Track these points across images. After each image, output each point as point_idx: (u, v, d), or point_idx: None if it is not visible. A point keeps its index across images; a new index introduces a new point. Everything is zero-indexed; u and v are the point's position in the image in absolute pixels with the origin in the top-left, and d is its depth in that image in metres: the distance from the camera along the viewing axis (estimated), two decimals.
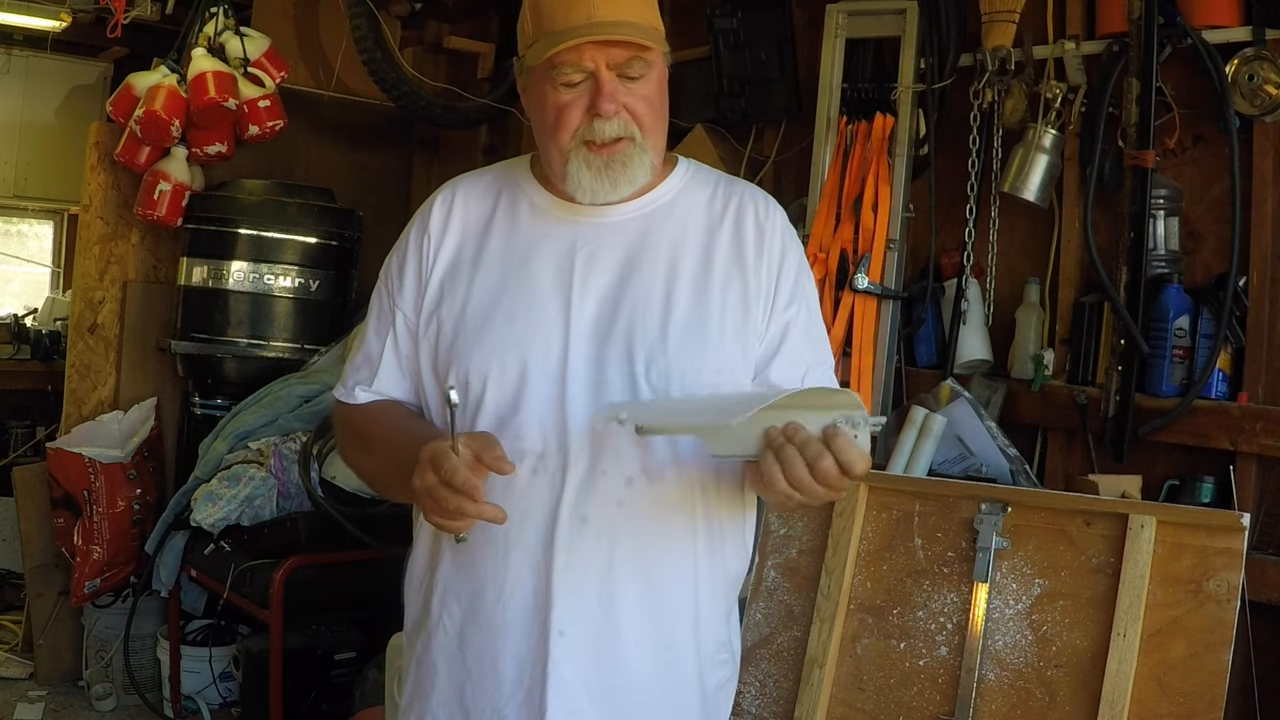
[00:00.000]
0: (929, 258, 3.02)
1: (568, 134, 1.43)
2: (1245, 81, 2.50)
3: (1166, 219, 2.64)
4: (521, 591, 1.44)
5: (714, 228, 1.52)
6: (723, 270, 1.49)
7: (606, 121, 1.42)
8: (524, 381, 1.44)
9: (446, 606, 1.51)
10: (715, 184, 1.56)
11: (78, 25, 5.12)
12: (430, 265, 1.54)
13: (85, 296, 4.09)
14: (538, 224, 1.52)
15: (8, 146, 6.10)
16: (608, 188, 1.45)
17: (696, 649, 1.51)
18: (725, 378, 1.46)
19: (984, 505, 2.23)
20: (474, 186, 1.59)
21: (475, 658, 1.48)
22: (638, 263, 1.48)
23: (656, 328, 1.45)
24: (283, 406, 3.68)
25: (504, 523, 1.35)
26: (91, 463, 3.73)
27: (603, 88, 1.41)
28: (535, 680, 1.44)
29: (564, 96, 1.42)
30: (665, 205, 1.52)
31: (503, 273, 1.50)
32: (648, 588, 1.46)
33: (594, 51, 1.40)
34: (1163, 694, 1.98)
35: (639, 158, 1.45)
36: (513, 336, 1.46)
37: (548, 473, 1.43)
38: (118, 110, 3.87)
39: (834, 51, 3.07)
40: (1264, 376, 2.52)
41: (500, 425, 1.45)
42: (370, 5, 3.85)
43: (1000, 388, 2.84)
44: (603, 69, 1.41)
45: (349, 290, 4.10)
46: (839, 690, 2.29)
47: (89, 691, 3.87)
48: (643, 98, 1.44)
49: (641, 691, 1.47)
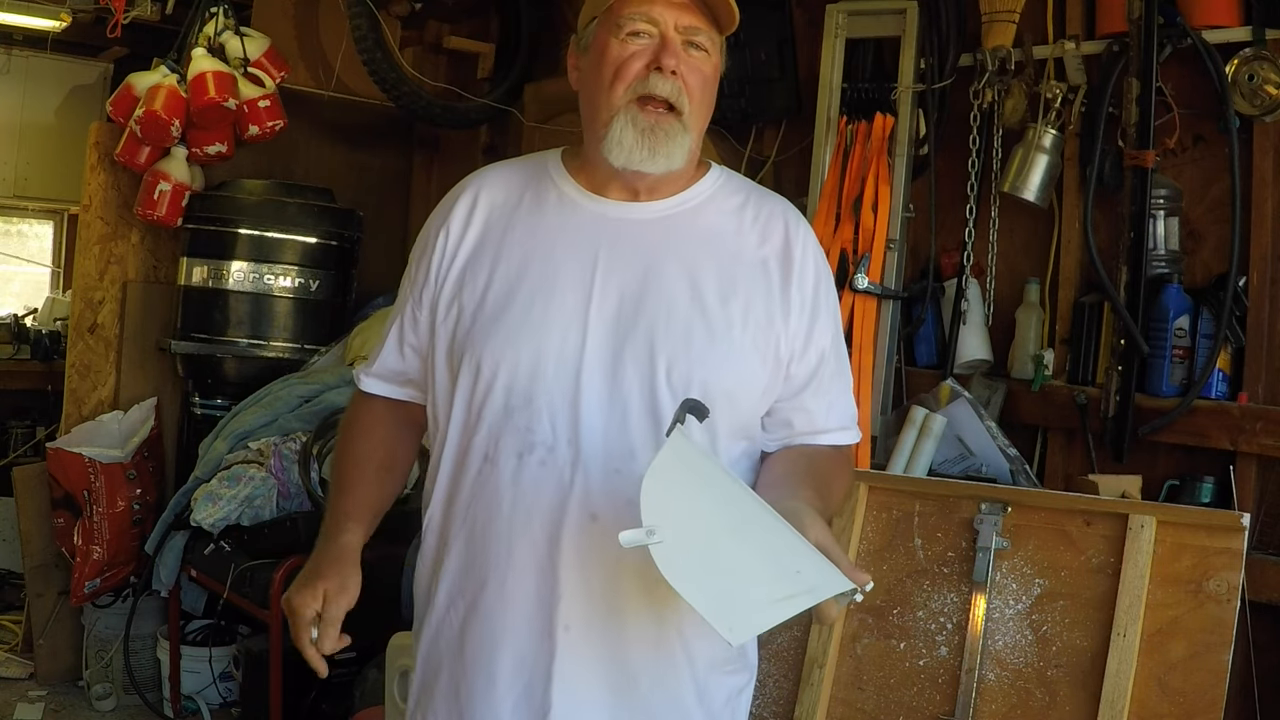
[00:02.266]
0: (929, 258, 3.02)
1: (623, 85, 1.42)
2: (1245, 81, 2.50)
3: (1166, 219, 2.64)
4: (525, 584, 1.43)
5: (742, 236, 1.50)
6: (747, 280, 1.48)
7: (664, 79, 1.42)
8: (537, 371, 1.43)
9: (453, 602, 1.50)
10: (747, 193, 1.55)
11: (78, 25, 5.12)
12: (450, 257, 1.53)
13: (85, 296, 4.08)
14: (564, 214, 1.51)
15: (8, 146, 6.10)
16: (646, 153, 1.43)
17: (703, 655, 1.49)
18: (743, 387, 1.46)
19: (984, 505, 2.23)
20: (501, 176, 1.58)
21: (472, 653, 1.47)
22: (663, 262, 1.46)
23: (680, 331, 1.43)
24: (283, 406, 3.68)
25: (324, 675, 1.47)
26: (91, 463, 3.73)
27: (668, 45, 1.42)
28: (537, 676, 1.43)
29: (629, 48, 1.42)
30: (694, 208, 1.51)
31: (524, 261, 1.48)
32: (653, 590, 1.43)
33: (665, 8, 1.41)
34: (1163, 694, 1.98)
35: (680, 136, 1.44)
36: (529, 325, 1.44)
37: (557, 466, 1.42)
38: (118, 110, 3.87)
39: (834, 51, 3.07)
40: (1264, 376, 2.52)
41: (510, 414, 1.44)
42: (370, 5, 3.84)
43: (1000, 388, 2.84)
44: (671, 29, 1.42)
45: (349, 290, 4.09)
46: (839, 690, 2.29)
47: (89, 691, 3.87)
48: (699, 71, 1.44)
49: (644, 692, 1.46)
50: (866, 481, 2.40)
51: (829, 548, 1.27)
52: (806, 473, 1.48)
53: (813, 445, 1.54)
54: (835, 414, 1.56)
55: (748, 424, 1.51)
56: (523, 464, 1.43)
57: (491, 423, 1.45)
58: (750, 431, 1.52)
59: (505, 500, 1.44)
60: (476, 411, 1.46)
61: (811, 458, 1.52)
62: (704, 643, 1.48)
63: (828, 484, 1.49)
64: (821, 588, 1.22)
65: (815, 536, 1.27)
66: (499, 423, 1.44)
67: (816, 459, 1.53)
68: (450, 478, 1.51)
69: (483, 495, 1.46)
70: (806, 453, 1.53)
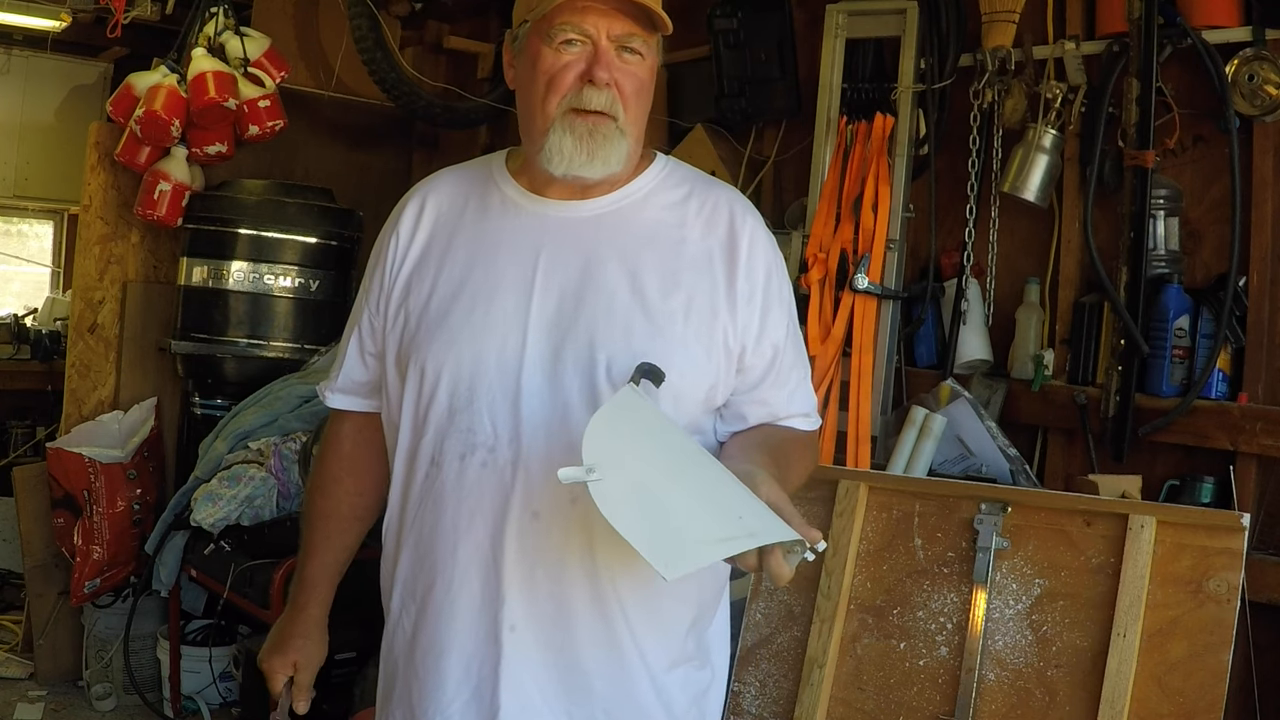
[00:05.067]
0: (929, 258, 3.02)
1: (556, 98, 1.41)
2: (1245, 81, 2.50)
3: (1166, 219, 2.64)
4: (470, 586, 1.43)
5: (685, 228, 1.48)
6: (691, 271, 1.46)
7: (597, 90, 1.40)
8: (478, 373, 1.43)
9: (405, 605, 1.50)
10: (691, 183, 1.53)
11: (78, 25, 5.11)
12: (398, 263, 1.54)
13: (85, 296, 4.08)
14: (507, 216, 1.51)
15: (8, 146, 6.10)
16: (584, 158, 1.42)
17: (658, 654, 1.47)
18: (688, 381, 1.43)
19: (984, 505, 2.23)
20: (447, 182, 1.58)
21: (422, 656, 1.47)
22: (603, 259, 1.45)
23: (620, 326, 1.42)
24: (283, 406, 3.68)
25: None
26: (91, 463, 3.72)
27: (601, 56, 1.40)
28: (485, 678, 1.42)
29: (561, 58, 1.41)
30: (636, 202, 1.50)
31: (468, 265, 1.49)
32: (599, 586, 1.43)
33: (598, 18, 1.39)
34: (1163, 694, 1.98)
35: (617, 140, 1.43)
36: (470, 328, 1.44)
37: (498, 466, 1.41)
38: (118, 110, 3.87)
39: (834, 51, 3.07)
40: (1264, 376, 2.52)
41: (452, 417, 1.44)
42: (370, 5, 3.85)
43: (1000, 388, 2.84)
44: (603, 38, 1.40)
45: (349, 290, 4.09)
46: (839, 690, 2.29)
47: (89, 691, 3.87)
48: (634, 76, 1.43)
49: (597, 689, 1.44)
50: (866, 481, 2.40)
51: (781, 505, 1.25)
52: (763, 445, 1.47)
53: (774, 426, 1.53)
54: (796, 403, 1.55)
55: (696, 418, 1.48)
56: (465, 465, 1.43)
57: (436, 426, 1.45)
58: (700, 425, 1.50)
59: (450, 502, 1.44)
60: (423, 416, 1.47)
61: (770, 434, 1.52)
62: (656, 640, 1.47)
63: (786, 458, 1.47)
64: (763, 533, 1.21)
65: (766, 494, 1.26)
66: (443, 426, 1.45)
67: (775, 435, 1.52)
68: (402, 482, 1.51)
69: (429, 498, 1.46)
70: (766, 430, 1.52)
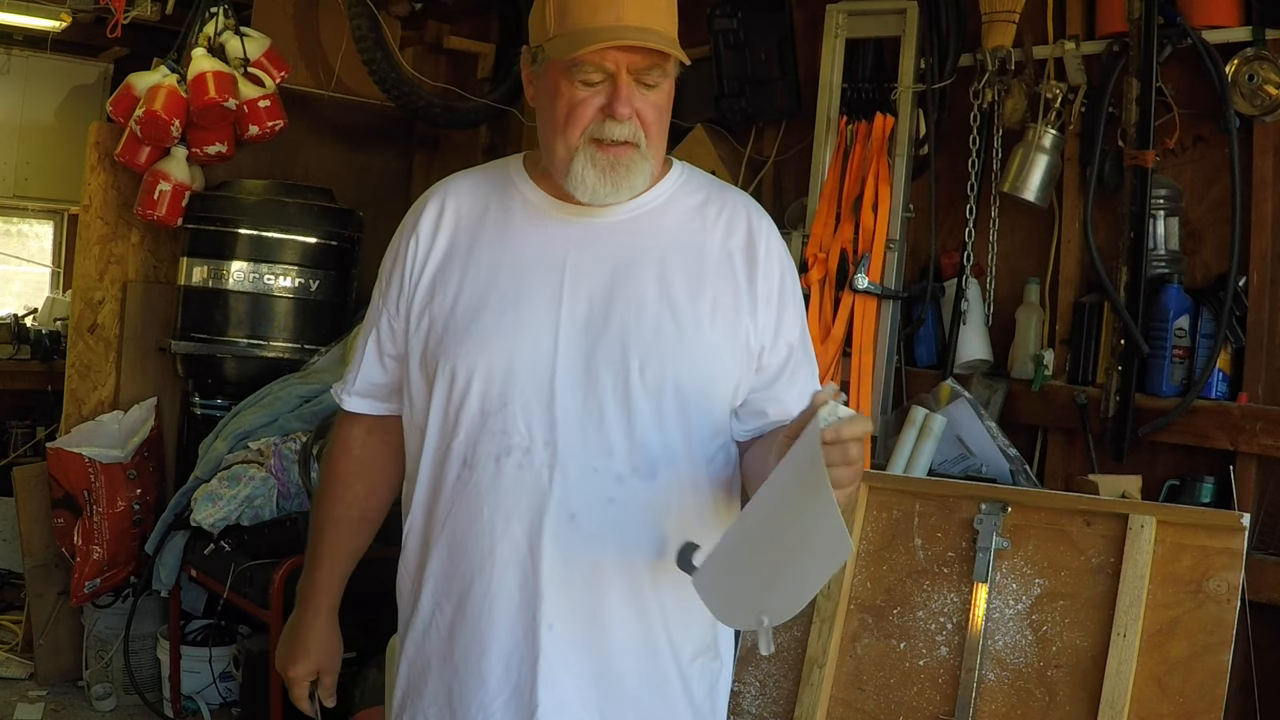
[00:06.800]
0: (929, 258, 3.02)
1: (578, 131, 1.43)
2: (1245, 81, 2.50)
3: (1166, 219, 2.64)
4: (508, 586, 1.45)
5: (706, 233, 1.53)
6: (714, 274, 1.50)
7: (619, 124, 1.43)
8: (511, 376, 1.45)
9: (439, 605, 1.52)
10: (709, 189, 1.58)
11: (78, 25, 5.11)
12: (420, 265, 1.55)
13: (85, 296, 4.08)
14: (530, 221, 1.53)
15: (8, 146, 6.10)
16: (609, 189, 1.45)
17: (686, 647, 1.52)
18: (716, 382, 1.49)
19: (984, 505, 2.23)
20: (466, 185, 1.59)
21: (462, 655, 1.49)
22: (630, 264, 1.48)
23: (651, 329, 1.45)
24: (283, 406, 3.68)
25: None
26: (91, 463, 3.73)
27: (620, 91, 1.42)
28: (524, 675, 1.45)
29: (580, 93, 1.43)
30: (657, 208, 1.53)
31: (494, 269, 1.50)
32: (634, 585, 1.47)
33: (617, 55, 1.40)
34: (1163, 694, 1.98)
35: (640, 165, 1.46)
36: (500, 332, 1.47)
37: (534, 468, 1.44)
38: (118, 110, 3.87)
39: (834, 51, 3.07)
40: (1264, 376, 2.52)
41: (484, 419, 1.46)
42: (370, 5, 3.84)
43: (1000, 388, 2.84)
44: (623, 73, 1.41)
45: (349, 290, 4.10)
46: (839, 690, 2.29)
47: (89, 691, 3.87)
48: (654, 105, 1.45)
49: (628, 687, 1.48)
50: (866, 481, 2.40)
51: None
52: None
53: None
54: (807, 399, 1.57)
55: (721, 420, 1.52)
56: (500, 467, 1.45)
57: (468, 428, 1.47)
58: (723, 426, 1.53)
59: (485, 503, 1.46)
60: (453, 418, 1.48)
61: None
62: (685, 634, 1.51)
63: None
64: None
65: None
66: (475, 428, 1.47)
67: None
68: (430, 484, 1.53)
69: (463, 499, 1.48)
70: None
